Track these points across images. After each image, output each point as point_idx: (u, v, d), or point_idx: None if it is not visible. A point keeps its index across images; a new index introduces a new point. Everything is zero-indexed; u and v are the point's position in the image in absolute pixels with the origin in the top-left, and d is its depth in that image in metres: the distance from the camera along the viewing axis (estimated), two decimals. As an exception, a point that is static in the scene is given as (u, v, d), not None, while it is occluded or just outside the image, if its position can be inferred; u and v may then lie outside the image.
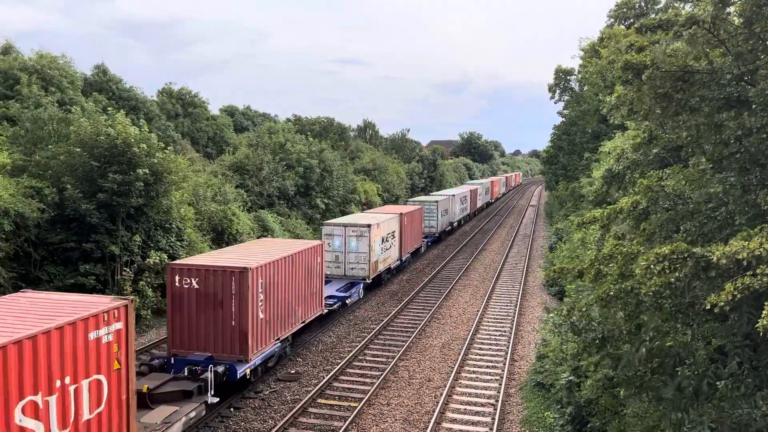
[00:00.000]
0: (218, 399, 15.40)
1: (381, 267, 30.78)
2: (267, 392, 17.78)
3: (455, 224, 55.93)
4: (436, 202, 47.14)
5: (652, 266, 7.67)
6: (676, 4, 36.48)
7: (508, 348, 21.93)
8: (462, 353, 21.04)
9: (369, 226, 28.72)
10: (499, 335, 23.73)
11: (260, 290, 17.11)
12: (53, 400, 9.71)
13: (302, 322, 20.70)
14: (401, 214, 34.87)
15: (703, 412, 7.56)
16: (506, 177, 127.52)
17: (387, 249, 31.61)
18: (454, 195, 54.74)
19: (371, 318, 25.93)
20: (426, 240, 44.06)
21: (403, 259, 35.77)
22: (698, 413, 7.61)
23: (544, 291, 31.15)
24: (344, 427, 15.34)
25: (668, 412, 8.08)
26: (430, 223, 46.34)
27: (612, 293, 9.10)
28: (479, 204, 73.71)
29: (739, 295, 6.74)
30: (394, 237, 33.08)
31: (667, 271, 7.55)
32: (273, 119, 75.58)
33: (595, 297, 9.39)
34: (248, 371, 16.62)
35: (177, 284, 16.47)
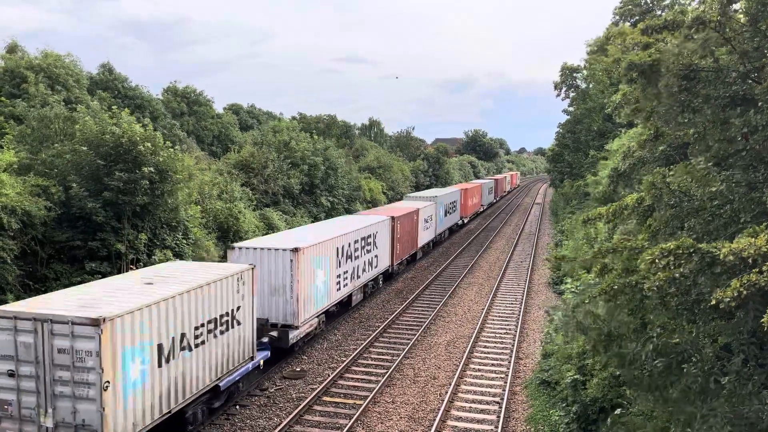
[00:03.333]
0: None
1: None
2: (272, 390, 17.84)
3: (317, 326, 21.82)
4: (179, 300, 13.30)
5: (657, 260, 7.66)
6: (682, 1, 36.34)
7: (513, 346, 21.93)
8: (467, 351, 21.05)
9: None
10: (504, 333, 23.73)
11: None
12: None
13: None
14: None
15: (713, 407, 7.57)
16: (495, 180, 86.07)
17: None
18: (316, 244, 21.32)
19: (376, 316, 25.98)
20: None
21: None
22: (708, 408, 7.61)
23: (549, 289, 31.12)
24: (349, 424, 15.38)
25: (676, 410, 8.07)
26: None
27: (616, 287, 9.09)
28: (427, 238, 40.94)
29: (744, 292, 6.74)
30: None
31: (672, 266, 7.55)
32: (278, 117, 75.74)
33: (599, 291, 9.38)
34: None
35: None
